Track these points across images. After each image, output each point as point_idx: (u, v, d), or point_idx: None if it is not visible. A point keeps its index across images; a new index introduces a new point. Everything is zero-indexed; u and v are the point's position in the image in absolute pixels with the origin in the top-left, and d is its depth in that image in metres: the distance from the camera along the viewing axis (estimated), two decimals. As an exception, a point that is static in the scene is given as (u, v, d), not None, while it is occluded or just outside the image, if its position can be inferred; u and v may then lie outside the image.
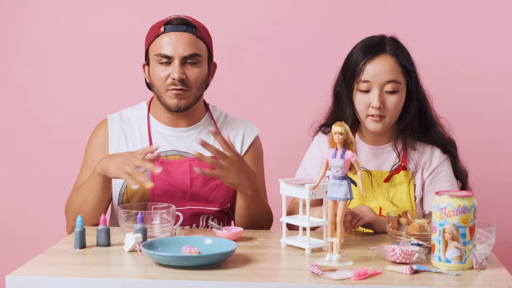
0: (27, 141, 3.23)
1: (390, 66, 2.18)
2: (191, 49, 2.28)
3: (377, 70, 2.18)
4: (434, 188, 2.24)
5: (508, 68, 3.10)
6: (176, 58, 2.27)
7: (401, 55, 2.21)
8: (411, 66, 2.22)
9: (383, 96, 2.18)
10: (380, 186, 2.25)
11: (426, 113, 2.27)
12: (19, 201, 3.24)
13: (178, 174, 2.30)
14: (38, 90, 3.22)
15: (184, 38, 2.28)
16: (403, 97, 2.21)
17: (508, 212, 3.10)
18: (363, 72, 2.19)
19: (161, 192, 2.29)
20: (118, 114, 2.43)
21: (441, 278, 1.71)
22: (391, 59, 2.19)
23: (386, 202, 2.23)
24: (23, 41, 3.22)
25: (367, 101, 2.19)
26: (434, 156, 2.26)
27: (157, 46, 2.29)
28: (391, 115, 2.20)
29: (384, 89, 2.18)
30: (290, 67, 3.16)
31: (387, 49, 2.20)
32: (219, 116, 2.46)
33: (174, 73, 2.26)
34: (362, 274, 1.69)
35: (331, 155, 1.81)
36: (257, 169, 2.42)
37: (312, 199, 1.90)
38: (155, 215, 2.09)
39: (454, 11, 3.11)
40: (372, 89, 2.18)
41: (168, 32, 2.29)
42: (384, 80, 2.17)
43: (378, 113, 2.18)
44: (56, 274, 1.73)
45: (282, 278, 1.74)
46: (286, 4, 3.16)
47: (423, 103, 2.27)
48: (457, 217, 1.74)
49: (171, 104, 2.31)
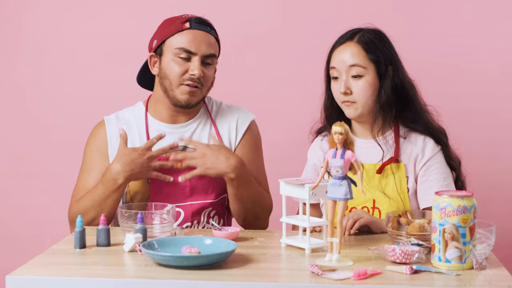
0: (28, 141, 3.22)
1: (352, 52, 2.24)
2: (211, 49, 2.34)
3: (341, 55, 2.26)
4: (427, 180, 2.25)
5: (508, 68, 3.10)
6: (198, 55, 2.31)
7: (369, 42, 2.25)
8: (381, 52, 2.25)
9: (349, 82, 2.24)
10: (373, 178, 2.26)
11: (414, 102, 2.30)
12: (19, 201, 3.23)
13: (177, 170, 2.30)
14: (39, 90, 3.22)
15: (207, 38, 2.34)
16: (372, 83, 2.24)
17: (508, 211, 3.10)
18: (331, 59, 2.28)
19: (164, 192, 2.30)
20: (114, 115, 2.43)
21: (441, 278, 1.71)
22: (355, 45, 2.25)
23: (379, 193, 2.24)
24: (24, 40, 3.22)
25: (338, 87, 2.26)
26: (426, 148, 2.27)
27: (181, 40, 2.31)
28: (361, 100, 2.24)
29: (349, 74, 2.24)
30: (290, 67, 3.16)
31: (353, 37, 2.26)
32: (212, 107, 2.47)
33: (195, 70, 2.30)
34: (362, 274, 1.69)
35: (331, 155, 1.81)
36: (254, 155, 2.43)
37: (312, 199, 1.91)
38: (155, 215, 2.09)
39: (453, 11, 3.11)
40: (339, 76, 2.25)
41: (193, 29, 2.32)
42: (347, 64, 2.24)
43: (347, 99, 2.24)
44: (56, 274, 1.73)
45: (282, 278, 1.74)
46: (286, 4, 3.16)
47: (409, 92, 2.29)
48: (457, 217, 1.74)
49: (181, 99, 2.32)
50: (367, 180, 2.26)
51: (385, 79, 2.25)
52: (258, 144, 2.48)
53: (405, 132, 2.29)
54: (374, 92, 2.25)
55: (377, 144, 2.28)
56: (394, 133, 2.29)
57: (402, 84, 2.28)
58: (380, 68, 2.25)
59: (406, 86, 2.29)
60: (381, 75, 2.25)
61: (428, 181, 2.24)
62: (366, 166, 2.27)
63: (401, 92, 2.28)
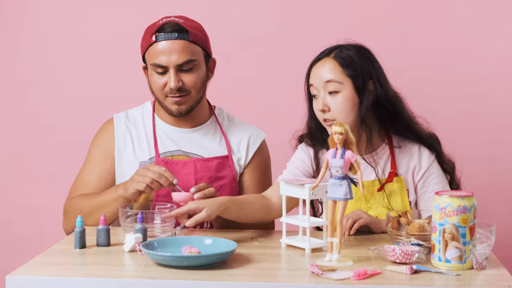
0: (28, 141, 3.22)
1: (328, 67, 2.18)
2: (185, 56, 2.26)
3: (318, 71, 2.20)
4: (426, 191, 2.24)
5: (507, 68, 3.10)
6: (170, 67, 2.26)
7: (345, 57, 2.19)
8: (358, 67, 2.18)
9: (326, 99, 2.18)
10: (373, 195, 2.24)
11: (402, 113, 2.25)
12: (19, 201, 3.23)
13: (183, 174, 2.30)
14: (39, 90, 3.22)
15: (176, 45, 2.26)
16: (349, 98, 2.17)
17: (508, 212, 3.10)
18: (310, 77, 2.23)
19: (166, 192, 2.28)
20: (124, 113, 2.43)
21: (441, 278, 1.71)
22: (331, 60, 2.19)
23: (382, 209, 2.22)
24: (24, 40, 3.21)
25: (317, 105, 2.20)
26: (423, 159, 2.25)
27: (151, 56, 2.28)
28: (339, 116, 2.17)
29: (326, 90, 2.18)
30: (290, 67, 3.16)
31: (330, 53, 2.21)
32: (224, 119, 2.45)
33: (171, 83, 2.26)
34: (362, 274, 1.69)
35: (331, 155, 1.81)
36: (262, 177, 2.43)
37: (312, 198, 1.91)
38: (155, 215, 2.09)
39: (453, 11, 3.11)
40: (317, 93, 2.20)
41: (160, 40, 2.26)
42: (323, 80, 2.18)
43: (327, 116, 2.18)
44: (56, 274, 1.73)
45: (282, 278, 1.74)
46: (286, 4, 3.16)
47: (395, 104, 2.24)
48: (457, 217, 1.74)
49: (172, 110, 2.31)
50: (368, 196, 2.24)
51: (364, 94, 2.19)
52: (268, 164, 2.48)
53: (398, 141, 2.27)
54: (354, 107, 2.18)
55: (370, 160, 2.24)
56: (388, 145, 2.27)
57: (386, 97, 2.21)
58: (357, 82, 2.18)
59: (391, 99, 2.23)
60: (359, 90, 2.18)
61: (427, 192, 2.24)
62: (365, 184, 2.24)
63: (387, 105, 2.22)
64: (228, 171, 2.36)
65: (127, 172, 2.31)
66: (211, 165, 2.31)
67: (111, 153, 2.35)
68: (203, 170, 2.31)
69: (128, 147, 2.36)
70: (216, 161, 2.34)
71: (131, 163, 2.33)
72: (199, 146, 2.36)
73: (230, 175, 2.36)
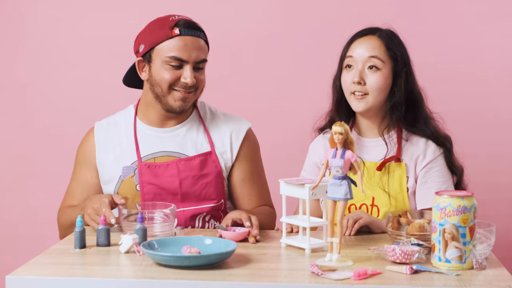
0: (28, 141, 3.22)
1: (374, 44, 2.25)
2: (203, 54, 2.29)
3: (362, 46, 2.25)
4: (426, 182, 2.25)
5: (508, 68, 3.10)
6: (190, 63, 2.25)
7: (390, 40, 2.26)
8: (399, 52, 2.26)
9: (364, 72, 2.23)
10: (374, 176, 2.26)
11: (420, 109, 2.30)
12: (19, 201, 3.24)
13: (166, 176, 2.29)
14: (39, 90, 3.22)
15: (198, 43, 2.27)
16: (387, 78, 2.24)
17: (508, 212, 3.10)
18: (349, 49, 2.27)
19: (152, 197, 2.27)
20: (105, 120, 2.42)
21: (441, 278, 1.71)
22: (377, 39, 2.26)
23: (379, 191, 2.24)
24: (23, 41, 3.21)
25: (350, 77, 2.24)
26: (428, 150, 2.27)
27: (171, 48, 2.25)
28: (373, 92, 2.23)
29: (366, 65, 2.23)
30: (290, 67, 3.16)
31: (376, 32, 2.28)
32: (206, 113, 2.42)
33: (188, 78, 2.24)
34: (362, 274, 1.69)
35: (331, 155, 1.81)
36: (254, 167, 2.40)
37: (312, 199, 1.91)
38: (156, 215, 2.09)
39: (453, 11, 3.11)
40: (355, 65, 2.24)
41: (184, 35, 2.25)
42: (366, 55, 2.23)
43: (359, 89, 2.23)
44: (56, 274, 1.73)
45: (282, 278, 1.74)
46: (286, 4, 3.16)
47: (417, 98, 2.29)
48: (457, 217, 1.74)
49: (174, 106, 2.29)
50: (368, 177, 2.25)
51: (399, 79, 2.25)
52: (257, 152, 2.44)
53: (407, 135, 2.29)
54: (387, 88, 2.25)
55: (381, 142, 2.27)
56: (396, 134, 2.29)
57: (412, 89, 2.28)
58: (396, 66, 2.25)
59: (414, 93, 2.29)
60: (396, 74, 2.25)
61: (427, 183, 2.24)
62: (368, 164, 2.26)
63: (410, 97, 2.28)
64: (212, 167, 2.33)
65: (112, 178, 2.32)
66: (194, 164, 2.30)
67: (92, 164, 2.35)
68: (186, 170, 2.29)
69: (109, 155, 2.34)
70: (199, 159, 2.32)
71: (115, 169, 2.32)
72: (183, 144, 2.34)
73: (215, 171, 2.33)
